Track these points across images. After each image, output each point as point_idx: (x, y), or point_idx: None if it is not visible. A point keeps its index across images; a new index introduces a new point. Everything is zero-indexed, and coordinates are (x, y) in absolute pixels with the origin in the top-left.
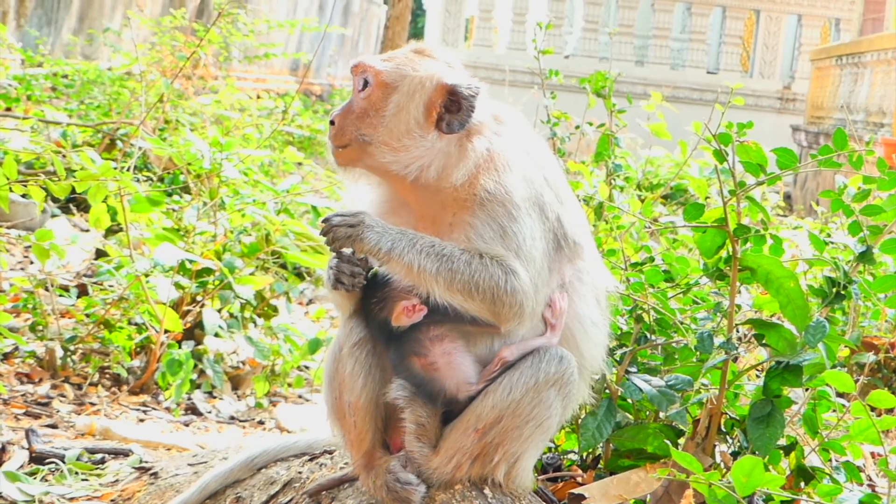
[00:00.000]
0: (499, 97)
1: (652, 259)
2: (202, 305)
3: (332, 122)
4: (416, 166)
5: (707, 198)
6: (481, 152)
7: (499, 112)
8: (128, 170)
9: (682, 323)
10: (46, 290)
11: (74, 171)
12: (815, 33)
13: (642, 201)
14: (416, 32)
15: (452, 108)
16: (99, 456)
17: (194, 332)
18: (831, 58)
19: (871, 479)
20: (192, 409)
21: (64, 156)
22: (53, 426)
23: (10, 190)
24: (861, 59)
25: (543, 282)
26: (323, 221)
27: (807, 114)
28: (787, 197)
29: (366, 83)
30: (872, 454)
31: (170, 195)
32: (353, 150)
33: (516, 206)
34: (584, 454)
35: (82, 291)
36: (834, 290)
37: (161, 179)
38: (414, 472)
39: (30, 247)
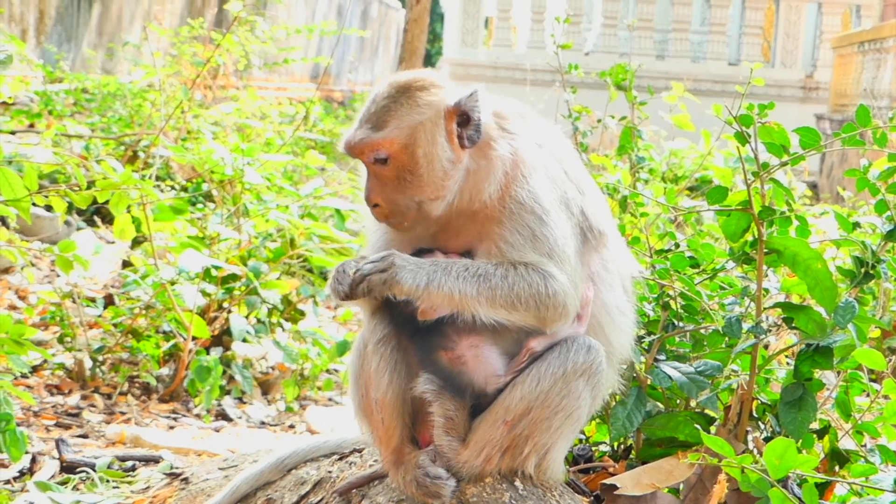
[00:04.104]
0: (520, 96)
1: (677, 245)
2: (229, 311)
3: (375, 206)
4: (453, 195)
5: (732, 188)
6: (506, 158)
7: (498, 107)
8: (149, 178)
9: (709, 308)
10: (73, 301)
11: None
12: (836, 21)
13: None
14: (435, 35)
15: (463, 123)
16: (130, 463)
17: (222, 338)
18: (853, 44)
19: None
20: (223, 416)
21: (87, 168)
22: (84, 436)
23: (33, 202)
24: (883, 44)
25: (580, 277)
26: (355, 272)
27: (830, 102)
28: (814, 186)
29: (383, 159)
30: None
31: (193, 204)
32: (408, 219)
33: (546, 210)
34: (616, 444)
35: (109, 302)
36: (862, 270)
37: (185, 189)
38: (443, 467)
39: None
